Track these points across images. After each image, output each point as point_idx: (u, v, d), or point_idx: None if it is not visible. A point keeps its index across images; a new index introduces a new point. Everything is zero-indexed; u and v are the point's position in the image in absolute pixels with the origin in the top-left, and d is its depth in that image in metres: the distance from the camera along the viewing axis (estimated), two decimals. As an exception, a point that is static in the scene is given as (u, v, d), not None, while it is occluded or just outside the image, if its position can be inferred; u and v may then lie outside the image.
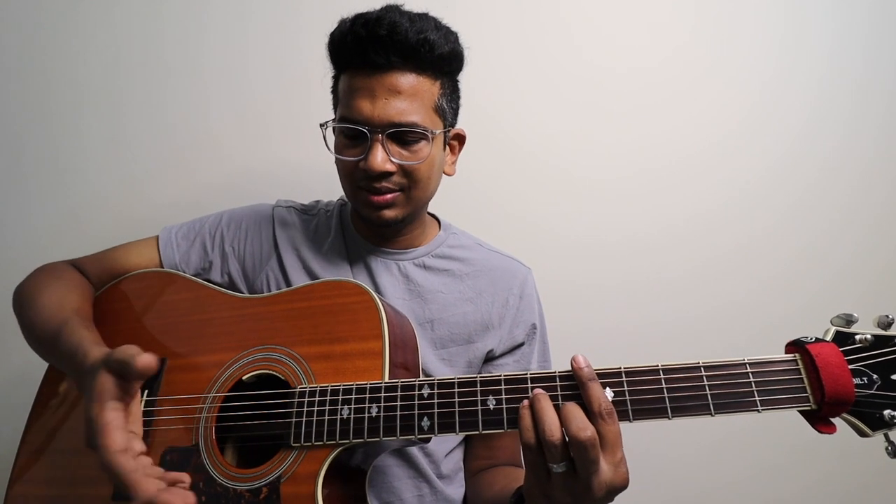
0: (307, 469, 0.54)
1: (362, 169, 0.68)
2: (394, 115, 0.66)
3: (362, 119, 0.66)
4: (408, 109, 0.66)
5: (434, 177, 0.74)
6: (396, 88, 0.66)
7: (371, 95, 0.66)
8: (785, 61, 1.10)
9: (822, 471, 1.05)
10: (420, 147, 0.69)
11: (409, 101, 0.66)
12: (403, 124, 0.66)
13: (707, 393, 0.47)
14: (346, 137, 0.69)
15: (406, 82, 0.66)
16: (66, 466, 0.66)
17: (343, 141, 0.70)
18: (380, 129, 0.66)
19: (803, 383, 0.46)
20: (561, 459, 0.45)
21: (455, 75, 0.75)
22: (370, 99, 0.66)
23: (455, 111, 0.77)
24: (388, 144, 0.67)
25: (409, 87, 0.67)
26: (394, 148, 0.68)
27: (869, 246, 1.09)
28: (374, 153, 0.66)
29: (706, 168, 1.10)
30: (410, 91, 0.67)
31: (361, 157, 0.67)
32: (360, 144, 0.68)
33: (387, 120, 0.66)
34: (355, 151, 0.69)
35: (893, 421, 0.44)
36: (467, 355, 0.76)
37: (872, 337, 0.46)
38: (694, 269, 1.09)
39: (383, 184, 0.69)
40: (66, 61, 1.09)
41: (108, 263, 0.77)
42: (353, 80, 0.68)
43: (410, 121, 0.66)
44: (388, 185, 0.69)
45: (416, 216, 0.77)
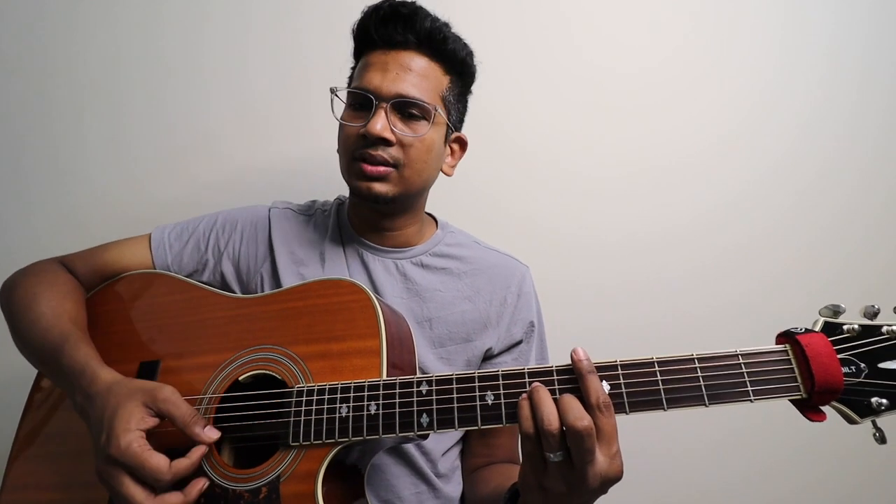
0: (306, 468, 0.54)
1: (362, 135, 0.70)
2: (401, 89, 0.69)
3: (371, 88, 0.70)
4: (416, 86, 0.70)
5: (430, 162, 0.74)
6: (408, 66, 0.70)
7: (384, 69, 0.70)
8: (785, 61, 1.11)
9: (822, 471, 1.06)
10: (421, 125, 0.72)
11: (418, 79, 0.71)
12: (408, 97, 0.69)
13: (701, 384, 0.48)
14: (353, 109, 0.73)
15: (418, 64, 0.71)
16: (61, 471, 0.65)
17: (348, 112, 0.73)
18: (385, 99, 0.69)
19: (794, 373, 0.47)
20: (558, 449, 0.46)
21: (465, 83, 0.78)
22: (382, 72, 0.70)
23: (461, 115, 0.79)
24: (391, 115, 0.70)
25: (420, 69, 0.71)
26: (395, 120, 0.70)
27: (869, 246, 1.09)
28: (376, 119, 0.69)
29: (706, 168, 1.10)
30: (421, 72, 0.71)
31: (363, 124, 0.70)
32: (365, 114, 0.70)
33: (394, 91, 0.69)
34: (359, 120, 0.71)
35: (881, 408, 0.45)
36: (466, 354, 0.76)
37: (860, 327, 0.48)
38: (694, 269, 1.09)
39: (379, 152, 0.70)
40: (66, 61, 1.09)
41: (99, 263, 0.77)
42: (369, 57, 0.72)
43: (415, 95, 0.70)
44: (384, 156, 0.70)
45: (409, 204, 0.77)
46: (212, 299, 0.70)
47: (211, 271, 0.79)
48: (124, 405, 0.53)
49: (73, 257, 0.78)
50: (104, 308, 0.73)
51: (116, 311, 0.73)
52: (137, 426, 0.52)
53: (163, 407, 0.54)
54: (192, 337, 0.67)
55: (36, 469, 0.67)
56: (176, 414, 0.54)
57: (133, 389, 0.55)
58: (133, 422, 0.52)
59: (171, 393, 0.55)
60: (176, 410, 0.54)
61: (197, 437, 0.54)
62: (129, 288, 0.75)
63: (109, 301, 0.74)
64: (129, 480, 0.51)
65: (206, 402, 0.61)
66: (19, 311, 0.68)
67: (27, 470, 0.68)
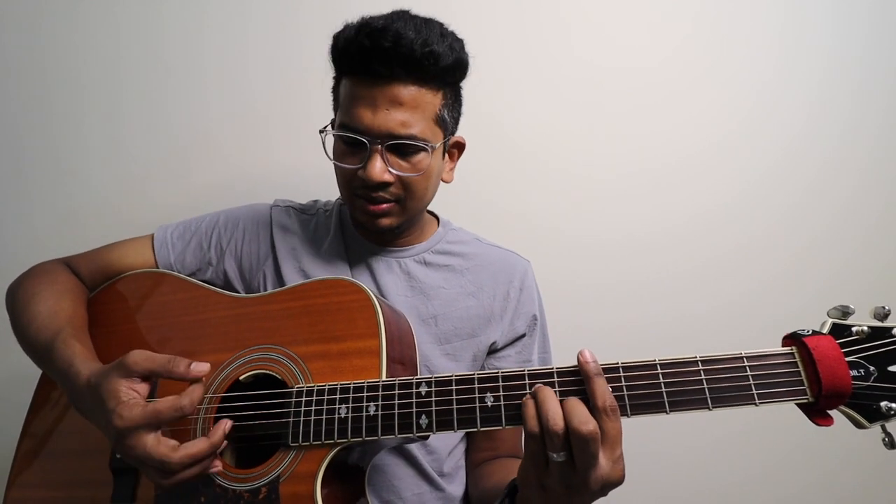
0: (306, 469, 0.54)
1: (360, 178, 0.67)
2: (394, 127, 0.65)
3: (362, 128, 0.66)
4: (408, 121, 0.66)
5: (431, 187, 0.74)
6: (398, 100, 0.65)
7: (372, 105, 0.65)
8: (785, 61, 1.10)
9: (822, 471, 1.06)
10: (419, 159, 0.68)
11: (409, 112, 0.66)
12: (403, 136, 0.66)
13: (704, 387, 0.47)
14: (346, 145, 0.69)
15: (408, 94, 0.65)
16: (65, 469, 0.66)
17: (342, 148, 0.70)
18: (379, 140, 0.66)
19: (800, 376, 0.46)
20: (561, 449, 0.46)
21: (459, 83, 0.74)
22: (371, 108, 0.65)
23: (456, 120, 0.76)
24: (387, 155, 0.67)
25: (410, 99, 0.66)
26: (393, 159, 0.67)
27: (869, 246, 1.09)
28: (373, 164, 0.66)
29: (706, 168, 1.10)
30: (412, 103, 0.66)
31: (360, 165, 0.67)
32: (359, 153, 0.67)
33: (386, 131, 0.65)
34: (354, 160, 0.68)
35: (890, 412, 0.44)
36: (472, 349, 0.77)
37: (869, 329, 0.46)
38: (694, 269, 1.09)
39: (380, 193, 0.69)
40: (66, 61, 1.08)
41: (102, 263, 0.77)
42: (354, 88, 0.67)
43: (410, 133, 0.66)
44: (385, 196, 0.69)
45: (414, 221, 0.78)
46: (213, 298, 0.70)
47: (214, 270, 0.79)
48: (105, 387, 0.53)
49: (77, 258, 0.78)
50: (106, 307, 0.74)
51: (119, 311, 0.73)
52: (127, 396, 0.52)
53: (139, 368, 0.53)
54: (194, 336, 0.67)
55: (41, 467, 0.68)
56: (154, 367, 0.53)
57: (106, 370, 0.54)
58: (122, 394, 0.52)
59: (138, 353, 0.53)
60: (152, 364, 0.53)
61: (186, 376, 0.53)
62: (132, 287, 0.75)
63: (112, 300, 0.74)
64: (150, 439, 0.50)
65: (207, 401, 0.61)
66: (19, 311, 0.69)
67: (32, 467, 0.68)
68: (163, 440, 0.51)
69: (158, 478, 0.52)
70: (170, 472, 0.51)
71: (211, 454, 0.53)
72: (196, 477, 0.53)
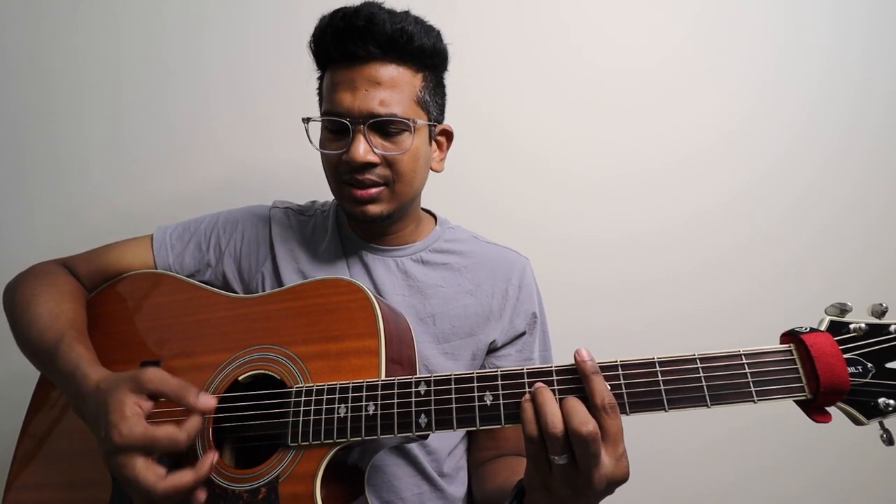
0: (305, 468, 0.54)
1: (345, 161, 0.68)
2: (374, 106, 0.66)
3: (343, 111, 0.66)
4: (388, 100, 0.66)
5: (419, 171, 0.73)
6: (376, 79, 0.66)
7: (352, 87, 0.66)
8: (785, 61, 1.10)
9: (822, 470, 1.06)
10: (403, 138, 0.69)
11: (389, 91, 0.67)
12: (384, 115, 0.66)
13: (703, 385, 0.47)
14: (330, 132, 0.70)
15: (386, 73, 0.66)
16: (64, 470, 0.66)
17: (327, 136, 0.71)
18: (361, 120, 0.66)
19: (798, 373, 0.46)
20: (562, 451, 0.45)
21: (439, 71, 0.75)
22: (351, 91, 0.66)
23: (441, 107, 0.76)
24: (370, 136, 0.67)
25: (388, 79, 0.67)
26: (376, 139, 0.68)
27: (869, 246, 1.09)
28: (357, 145, 0.66)
29: (706, 168, 1.10)
30: (390, 82, 0.67)
31: (344, 150, 0.67)
32: (344, 138, 0.68)
33: (367, 111, 0.66)
34: (339, 145, 0.69)
35: (888, 409, 0.44)
36: (471, 348, 0.76)
37: (867, 326, 0.47)
38: (694, 269, 1.09)
39: (367, 176, 0.69)
40: (66, 61, 1.09)
41: (101, 263, 0.77)
42: (334, 75, 0.68)
43: (391, 111, 0.67)
44: (372, 178, 0.69)
45: (405, 212, 0.77)
46: (212, 299, 0.70)
47: (213, 271, 0.79)
48: (113, 397, 0.52)
49: (75, 259, 0.78)
50: (105, 308, 0.74)
51: (118, 312, 0.73)
52: (132, 412, 0.52)
53: (150, 388, 0.53)
54: (193, 337, 0.67)
55: (40, 467, 0.68)
56: (165, 390, 0.53)
57: (118, 380, 0.54)
58: (127, 409, 0.52)
59: (154, 373, 0.54)
60: (164, 386, 0.53)
61: (192, 407, 0.53)
62: (131, 288, 0.75)
63: (111, 301, 0.74)
64: (140, 463, 0.50)
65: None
66: (19, 313, 0.68)
67: (31, 469, 0.68)
68: (152, 467, 0.51)
69: (140, 501, 0.52)
70: (152, 500, 0.51)
71: (196, 486, 0.53)
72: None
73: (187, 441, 0.52)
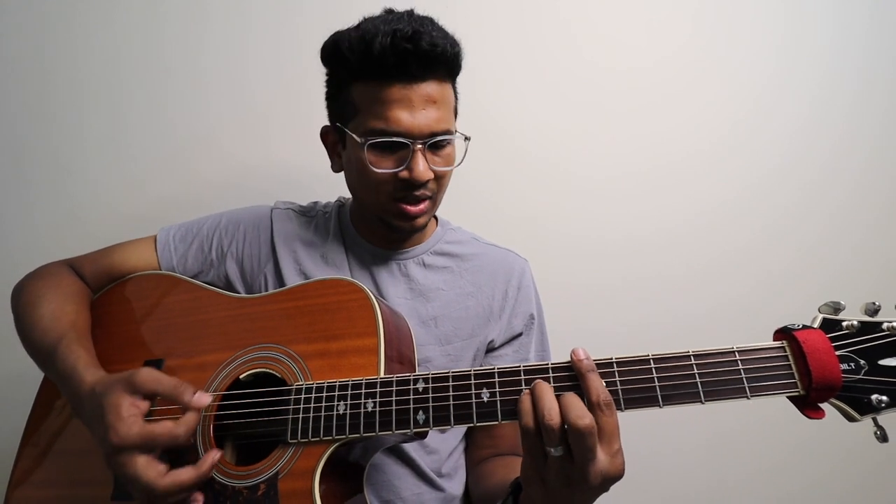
0: (304, 465, 0.55)
1: (402, 179, 0.68)
2: (433, 125, 0.67)
3: (402, 130, 0.66)
4: (442, 117, 0.68)
5: (450, 179, 0.76)
6: (432, 98, 0.67)
7: (409, 106, 0.66)
8: (785, 61, 1.10)
9: (823, 470, 1.06)
10: (448, 152, 0.71)
11: (440, 109, 0.68)
12: (441, 132, 0.68)
13: (697, 381, 0.47)
14: (380, 149, 0.68)
15: (437, 91, 0.68)
16: (66, 467, 0.66)
17: (375, 154, 0.68)
18: (421, 140, 0.67)
19: (791, 370, 0.46)
20: (558, 443, 0.46)
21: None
22: (408, 109, 0.66)
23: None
24: (426, 153, 0.68)
25: (440, 96, 0.69)
26: (430, 156, 0.69)
27: (869, 246, 1.09)
28: (418, 163, 0.67)
29: (706, 168, 1.10)
30: (441, 99, 0.69)
31: (401, 167, 0.68)
32: (396, 155, 0.68)
33: (427, 130, 0.67)
34: (391, 163, 0.68)
35: (881, 405, 0.44)
36: (472, 349, 0.77)
37: (859, 323, 0.47)
38: (693, 269, 1.09)
39: (423, 192, 0.70)
40: (66, 61, 1.09)
41: (106, 264, 0.78)
42: (385, 92, 0.66)
43: (446, 128, 0.69)
44: (426, 192, 0.70)
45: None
46: (214, 299, 0.71)
47: (215, 272, 0.80)
48: (108, 399, 0.53)
49: (80, 260, 0.79)
50: (109, 309, 0.74)
51: (121, 312, 0.74)
52: (128, 413, 0.52)
53: (145, 388, 0.54)
54: (195, 336, 0.68)
55: (42, 465, 0.68)
56: (160, 390, 0.54)
57: (112, 382, 0.55)
58: (123, 410, 0.52)
59: (147, 373, 0.54)
60: (159, 386, 0.54)
61: (188, 405, 0.54)
62: (135, 289, 0.76)
63: (114, 302, 0.75)
64: (141, 461, 0.51)
65: (207, 399, 0.61)
66: (23, 314, 0.69)
67: (35, 466, 0.69)
68: (152, 464, 0.51)
69: (142, 499, 0.52)
70: (153, 497, 0.51)
71: (196, 484, 0.53)
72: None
73: (186, 435, 0.52)
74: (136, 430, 0.51)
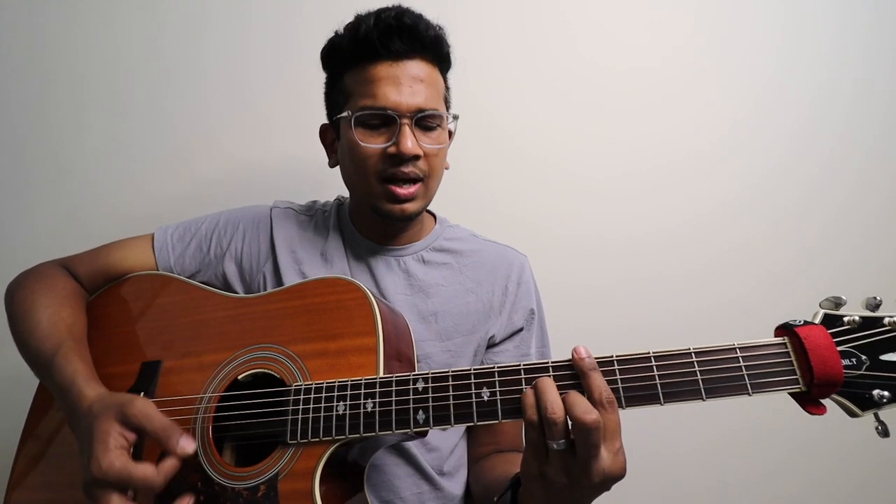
0: (304, 466, 0.54)
1: (391, 155, 0.69)
2: (420, 102, 0.68)
3: (390, 105, 0.67)
4: (430, 96, 0.70)
5: (442, 167, 0.76)
6: (419, 76, 0.69)
7: (396, 83, 0.68)
8: (785, 61, 1.10)
9: (824, 467, 1.05)
10: (438, 133, 0.72)
11: (428, 88, 0.70)
12: (429, 109, 0.69)
13: (698, 378, 0.47)
14: (369, 127, 0.70)
15: (425, 71, 0.70)
16: (64, 470, 0.66)
17: (364, 132, 0.70)
18: (409, 115, 0.68)
19: (793, 366, 0.46)
20: (561, 437, 0.46)
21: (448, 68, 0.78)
22: (395, 86, 0.68)
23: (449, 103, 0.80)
24: (414, 130, 0.69)
25: (427, 76, 0.70)
26: (419, 134, 0.70)
27: (869, 245, 1.09)
28: (405, 137, 0.68)
29: (706, 167, 1.10)
30: (429, 80, 0.70)
31: (389, 143, 0.68)
32: (385, 132, 0.69)
33: (415, 106, 0.68)
34: (380, 139, 0.69)
35: (883, 400, 0.44)
36: (472, 345, 0.77)
37: (861, 318, 0.47)
38: (693, 268, 1.09)
39: (411, 169, 0.70)
40: (66, 61, 1.09)
41: (102, 264, 0.77)
42: (372, 71, 0.69)
43: (434, 107, 0.70)
44: (415, 171, 0.70)
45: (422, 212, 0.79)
46: (212, 299, 0.71)
47: (213, 271, 0.79)
48: (99, 425, 0.52)
49: (75, 260, 0.78)
50: (106, 310, 0.74)
51: (119, 313, 0.73)
52: (115, 444, 0.51)
53: (134, 422, 0.52)
54: (193, 337, 0.67)
55: (41, 468, 0.68)
56: (148, 428, 0.52)
57: (107, 406, 0.54)
58: (111, 440, 0.51)
59: (141, 406, 0.53)
60: (148, 424, 0.52)
61: (171, 451, 0.52)
62: (132, 289, 0.75)
63: (112, 303, 0.75)
64: (115, 500, 0.50)
65: (206, 400, 0.61)
66: (19, 318, 0.69)
67: (33, 469, 0.68)
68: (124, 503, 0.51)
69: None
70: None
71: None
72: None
73: (162, 484, 0.51)
74: (117, 466, 0.50)
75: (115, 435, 0.52)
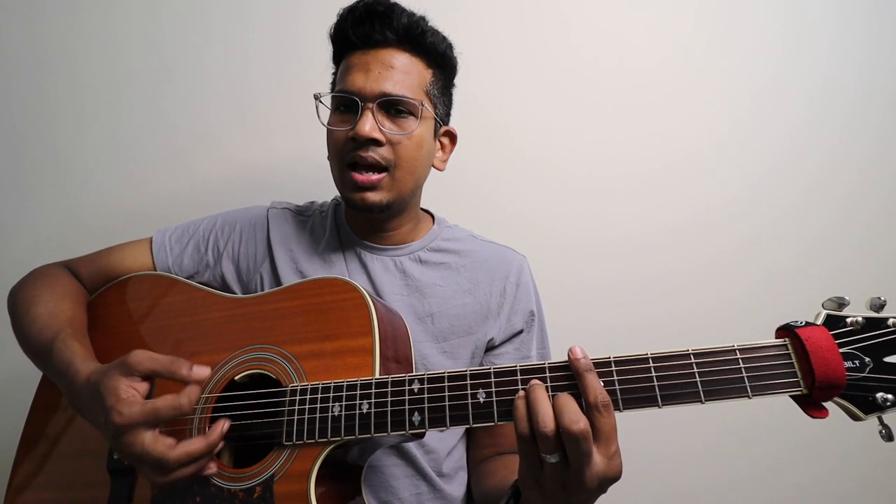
0: (300, 467, 0.54)
1: (350, 138, 0.69)
2: (387, 87, 0.69)
3: (355, 89, 0.69)
4: (400, 83, 0.69)
5: (421, 161, 0.74)
6: (390, 63, 0.70)
7: (366, 69, 0.69)
8: (784, 60, 1.10)
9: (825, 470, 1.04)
10: (409, 122, 0.71)
11: (402, 76, 0.70)
12: (393, 94, 0.68)
13: (697, 380, 0.46)
14: (339, 112, 0.72)
15: (399, 61, 0.70)
16: (64, 470, 0.66)
17: (336, 116, 0.72)
18: (370, 99, 0.68)
19: (794, 368, 0.45)
20: (554, 450, 0.45)
21: (448, 75, 0.77)
22: (364, 72, 0.69)
23: (447, 109, 0.78)
24: (378, 114, 0.69)
25: (402, 65, 0.70)
26: (383, 119, 0.70)
27: (869, 245, 1.08)
28: (364, 120, 0.68)
29: (706, 167, 1.09)
30: (404, 69, 0.70)
31: (351, 127, 0.69)
32: (352, 117, 0.70)
33: (378, 90, 0.68)
34: (346, 124, 0.70)
35: (886, 404, 0.43)
36: (470, 346, 0.76)
37: (864, 319, 0.46)
38: (693, 268, 1.08)
39: (370, 153, 0.69)
40: (66, 61, 1.10)
41: (102, 266, 0.78)
42: (350, 59, 0.72)
43: (400, 92, 0.69)
44: (375, 157, 0.69)
45: (404, 206, 0.77)
46: (209, 300, 0.70)
47: (211, 272, 0.79)
48: (106, 384, 0.53)
49: (77, 261, 0.79)
50: (106, 310, 0.74)
51: (117, 313, 0.73)
52: (127, 394, 0.52)
53: (141, 368, 0.53)
54: (190, 337, 0.67)
55: (40, 468, 0.68)
56: (157, 367, 0.53)
57: (107, 369, 0.55)
58: (122, 392, 0.52)
59: (141, 353, 0.53)
60: (155, 364, 0.53)
61: (186, 379, 0.53)
62: (130, 290, 0.75)
63: (110, 303, 0.75)
64: (148, 437, 0.50)
65: (203, 401, 0.61)
66: (20, 314, 0.69)
67: (32, 470, 0.68)
68: (160, 438, 0.51)
69: (154, 475, 0.52)
70: (166, 470, 0.51)
71: (208, 453, 0.53)
72: (191, 476, 0.53)
73: (189, 406, 0.52)
74: (137, 407, 0.50)
75: (125, 388, 0.52)
